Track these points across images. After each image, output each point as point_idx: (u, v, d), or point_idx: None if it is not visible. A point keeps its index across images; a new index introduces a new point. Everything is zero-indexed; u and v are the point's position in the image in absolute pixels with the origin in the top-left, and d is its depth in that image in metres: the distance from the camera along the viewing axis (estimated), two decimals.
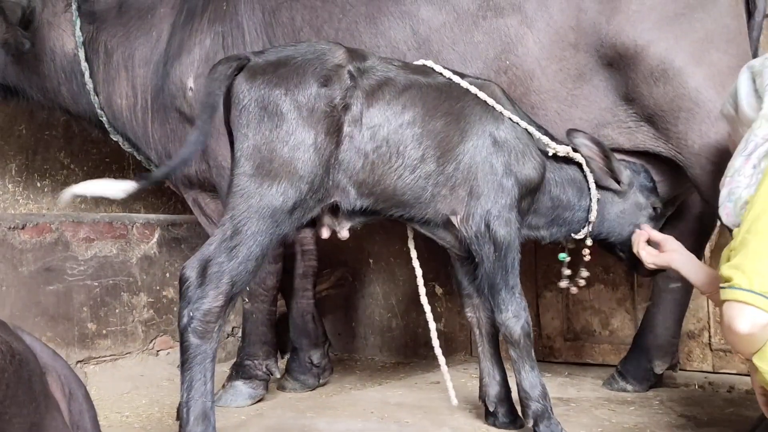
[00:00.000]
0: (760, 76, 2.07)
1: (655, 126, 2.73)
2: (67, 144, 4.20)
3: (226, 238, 2.18)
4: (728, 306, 1.81)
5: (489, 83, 2.62)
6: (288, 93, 2.25)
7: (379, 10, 2.86)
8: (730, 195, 2.03)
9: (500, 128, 2.51)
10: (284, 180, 2.21)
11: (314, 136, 2.24)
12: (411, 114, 2.40)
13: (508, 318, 2.47)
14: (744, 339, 1.82)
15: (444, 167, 2.43)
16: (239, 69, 2.30)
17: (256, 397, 3.18)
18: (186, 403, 2.16)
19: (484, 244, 2.47)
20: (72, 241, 3.51)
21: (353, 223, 2.50)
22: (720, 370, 3.47)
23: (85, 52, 3.33)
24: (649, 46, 2.62)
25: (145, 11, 3.37)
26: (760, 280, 1.77)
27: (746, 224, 1.85)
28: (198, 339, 2.16)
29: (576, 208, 2.68)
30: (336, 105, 2.29)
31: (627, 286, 3.78)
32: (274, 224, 2.21)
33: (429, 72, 2.56)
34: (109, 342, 3.60)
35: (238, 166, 2.23)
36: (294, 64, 2.31)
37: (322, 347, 3.51)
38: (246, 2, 3.10)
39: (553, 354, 3.94)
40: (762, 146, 1.98)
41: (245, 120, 2.25)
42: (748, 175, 1.99)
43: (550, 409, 2.48)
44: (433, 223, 2.53)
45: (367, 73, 2.40)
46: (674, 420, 2.73)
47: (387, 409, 2.99)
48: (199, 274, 2.17)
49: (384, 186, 2.38)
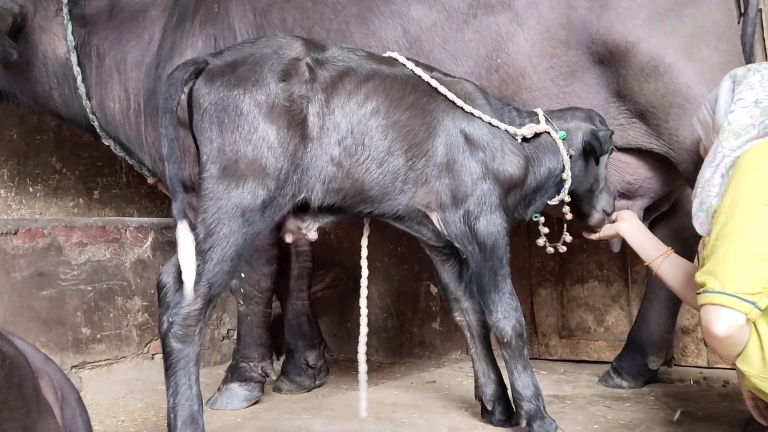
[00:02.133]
0: (739, 86, 2.10)
1: (646, 122, 2.74)
2: (59, 148, 4.18)
3: (200, 242, 2.17)
4: (705, 310, 1.86)
5: (459, 80, 2.59)
6: (247, 92, 2.24)
7: (369, 10, 2.86)
8: (702, 205, 2.08)
9: (472, 124, 2.47)
10: (251, 179, 2.20)
11: (276, 132, 2.23)
12: (374, 104, 2.37)
13: (498, 319, 2.46)
14: (723, 341, 1.86)
15: (413, 162, 2.40)
16: (197, 73, 2.29)
17: (251, 399, 3.17)
18: (173, 408, 2.16)
19: (468, 244, 2.46)
20: (65, 246, 3.50)
21: (321, 222, 2.48)
22: (714, 365, 3.49)
23: (77, 57, 3.31)
24: (639, 43, 2.63)
25: (137, 14, 3.35)
26: (732, 282, 1.81)
27: (715, 231, 1.92)
28: (179, 343, 2.16)
29: (554, 174, 2.62)
30: (296, 99, 2.27)
31: (621, 283, 3.79)
32: (245, 224, 2.20)
33: (394, 63, 2.53)
34: (103, 346, 3.58)
35: (204, 169, 2.23)
36: (251, 62, 2.29)
37: (318, 348, 3.51)
38: (237, 4, 3.10)
39: (548, 351, 3.95)
40: (729, 157, 2.02)
41: (207, 123, 2.24)
42: (717, 184, 2.04)
43: (543, 408, 2.47)
44: (407, 218, 2.50)
45: (327, 63, 2.38)
46: (669, 416, 2.73)
47: (383, 410, 2.98)
48: (176, 279, 2.17)
49: (352, 180, 2.35)
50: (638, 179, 2.90)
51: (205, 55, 2.54)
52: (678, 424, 2.62)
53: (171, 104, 2.24)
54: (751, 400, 2.07)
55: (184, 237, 2.15)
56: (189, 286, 2.12)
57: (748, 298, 1.80)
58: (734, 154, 2.01)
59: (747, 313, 1.80)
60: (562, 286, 3.93)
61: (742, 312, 1.80)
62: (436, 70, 2.60)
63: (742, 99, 2.05)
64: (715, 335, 1.83)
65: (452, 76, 2.62)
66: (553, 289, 3.94)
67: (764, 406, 2.05)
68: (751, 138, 2.00)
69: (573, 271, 3.90)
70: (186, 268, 2.13)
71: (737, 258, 1.84)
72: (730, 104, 2.09)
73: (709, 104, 2.23)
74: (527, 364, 2.51)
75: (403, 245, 4.18)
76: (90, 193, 4.33)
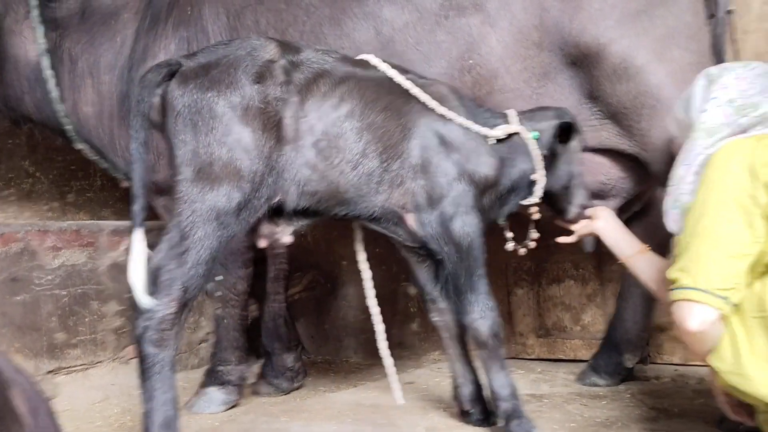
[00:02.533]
0: (713, 85, 2.12)
1: (618, 123, 2.76)
2: (32, 152, 4.13)
3: (174, 245, 2.16)
4: (677, 306, 1.88)
5: (434, 82, 2.60)
6: (221, 94, 2.23)
7: (342, 11, 2.86)
8: (675, 202, 2.10)
9: (447, 126, 2.48)
10: (226, 182, 2.19)
11: (251, 134, 2.22)
12: (349, 106, 2.37)
13: (474, 319, 2.47)
14: (696, 337, 1.88)
15: (388, 164, 2.40)
16: (171, 75, 2.28)
17: (229, 403, 3.16)
18: (148, 413, 2.14)
19: (444, 245, 2.46)
20: (39, 250, 3.46)
21: (296, 226, 2.47)
22: (689, 362, 3.52)
23: (49, 60, 3.27)
24: (611, 44, 2.65)
25: (109, 17, 3.32)
26: (704, 278, 1.84)
27: (687, 229, 1.95)
28: (155, 348, 2.14)
29: (527, 175, 2.63)
30: (270, 101, 2.26)
31: (597, 282, 3.82)
32: (221, 227, 2.19)
33: (368, 66, 2.53)
34: (79, 351, 3.55)
35: (179, 172, 2.21)
36: (225, 64, 2.28)
37: (295, 350, 3.50)
38: (210, 6, 3.08)
39: (525, 351, 3.97)
40: (702, 155, 2.05)
41: (181, 126, 2.23)
42: (690, 182, 2.06)
43: (520, 407, 2.48)
44: (383, 220, 2.50)
45: (302, 66, 2.37)
46: (645, 413, 2.76)
47: (362, 411, 2.98)
48: (150, 283, 2.15)
49: (327, 183, 2.35)
50: (611, 179, 2.93)
51: (178, 56, 2.52)
52: (653, 420, 2.65)
53: (143, 107, 2.23)
54: (723, 396, 2.10)
55: (138, 244, 2.14)
56: (139, 294, 2.11)
57: (720, 293, 1.82)
58: (707, 153, 2.03)
59: (719, 308, 1.83)
60: (539, 286, 3.96)
61: (714, 307, 1.83)
62: (411, 72, 2.60)
63: (716, 98, 2.08)
64: (688, 330, 1.85)
65: (427, 78, 2.62)
66: (530, 288, 3.96)
67: (736, 403, 2.08)
68: (724, 137, 2.03)
69: (549, 271, 3.92)
70: (136, 276, 2.12)
71: (709, 254, 1.86)
72: (704, 103, 2.12)
73: (683, 103, 2.25)
74: (504, 364, 2.51)
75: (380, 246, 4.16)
76: (64, 196, 4.28)
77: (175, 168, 2.25)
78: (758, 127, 2.00)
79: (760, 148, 1.91)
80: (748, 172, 1.88)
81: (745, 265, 1.85)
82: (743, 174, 1.89)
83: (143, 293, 2.12)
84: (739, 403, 2.06)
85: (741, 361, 1.85)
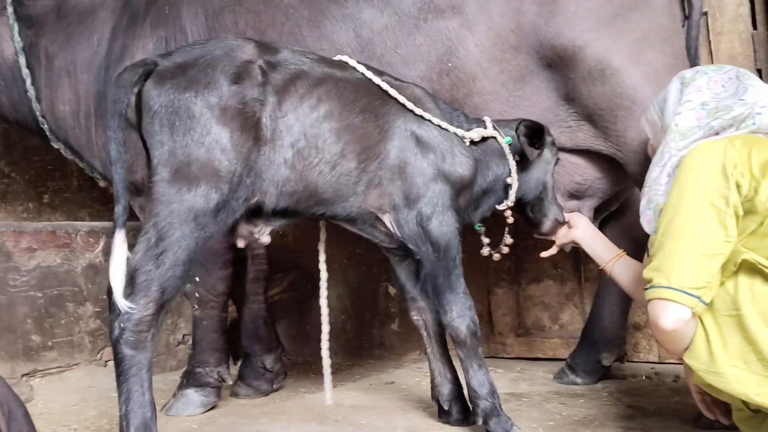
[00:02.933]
0: (687, 87, 2.15)
1: (595, 125, 2.79)
2: (8, 152, 4.09)
3: (151, 246, 2.14)
4: (652, 305, 1.91)
5: (408, 85, 2.61)
6: (198, 94, 2.21)
7: (321, 13, 2.85)
8: (649, 203, 2.13)
9: (422, 127, 2.50)
10: (204, 182, 2.18)
11: (229, 135, 2.21)
12: (327, 107, 2.37)
13: (453, 318, 2.48)
14: (670, 336, 1.91)
15: (366, 164, 2.41)
16: (146, 75, 2.26)
17: (208, 405, 3.14)
18: (125, 415, 2.12)
19: (421, 245, 2.47)
20: (14, 252, 3.42)
21: (274, 226, 2.47)
22: (666, 360, 3.56)
23: (26, 59, 3.24)
24: (586, 47, 2.68)
25: (85, 15, 3.29)
26: (678, 277, 1.87)
27: (661, 229, 1.97)
28: (131, 350, 2.13)
29: (501, 179, 2.66)
30: (248, 101, 2.26)
31: (575, 281, 3.85)
32: (198, 228, 2.18)
33: (346, 67, 2.54)
34: (55, 354, 3.51)
35: (156, 173, 2.20)
36: (203, 64, 2.27)
37: (275, 352, 3.49)
38: (188, 7, 3.06)
39: (505, 350, 3.99)
40: (675, 157, 2.07)
41: (158, 126, 2.21)
42: (664, 183, 2.09)
43: (498, 406, 2.50)
44: (360, 221, 2.51)
45: (279, 66, 2.37)
46: (622, 411, 2.79)
47: (341, 412, 2.98)
48: (127, 284, 2.13)
49: (305, 183, 2.35)
50: (587, 180, 2.96)
51: (154, 56, 2.50)
52: (630, 418, 2.68)
53: (119, 107, 2.21)
54: (698, 394, 2.13)
55: (119, 246, 2.12)
56: (119, 296, 2.10)
57: (693, 292, 1.85)
58: (680, 155, 2.06)
59: (692, 307, 1.85)
60: (518, 286, 3.98)
61: (687, 306, 1.85)
62: (386, 74, 2.62)
63: (690, 101, 2.11)
64: (662, 329, 1.88)
65: (402, 81, 2.64)
66: (510, 288, 3.99)
67: (711, 401, 2.11)
68: (696, 139, 2.05)
69: (528, 271, 3.95)
70: (116, 278, 2.10)
71: (682, 254, 1.89)
72: (678, 105, 2.14)
73: (658, 105, 2.27)
74: (482, 363, 2.53)
75: (361, 247, 4.18)
76: (40, 197, 4.24)
77: (151, 168, 2.23)
78: (730, 130, 2.04)
79: (731, 150, 1.94)
80: (720, 172, 1.91)
81: (718, 264, 1.88)
82: (715, 175, 1.92)
83: (121, 295, 2.10)
84: (714, 400, 2.09)
85: (715, 360, 1.88)
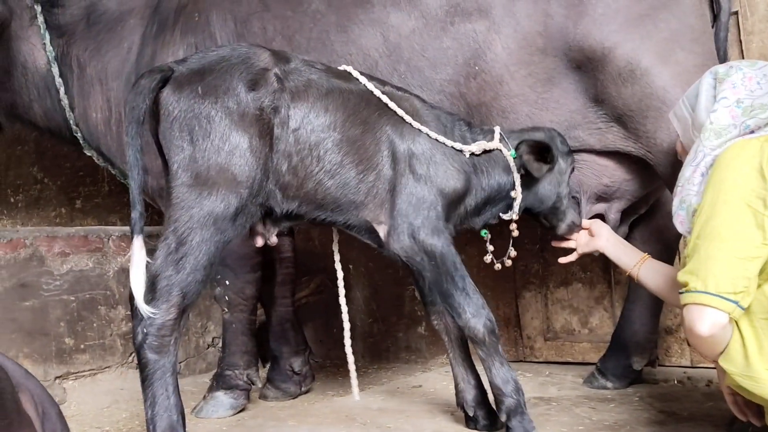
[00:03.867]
0: (721, 84, 2.10)
1: (624, 126, 2.76)
2: (40, 158, 4.16)
3: (172, 251, 2.17)
4: (687, 310, 1.86)
5: (409, 96, 2.63)
6: (218, 100, 2.25)
7: (349, 18, 2.87)
8: (682, 203, 2.08)
9: (417, 140, 2.51)
10: (223, 187, 2.21)
11: (248, 140, 2.25)
12: (332, 118, 2.41)
13: (468, 319, 2.46)
14: (706, 341, 1.87)
15: (364, 176, 2.44)
16: (164, 81, 2.29)
17: (237, 407, 3.16)
18: (151, 419, 2.16)
19: (415, 255, 2.48)
20: (47, 256, 3.48)
21: (280, 227, 2.52)
22: (698, 364, 3.51)
23: (59, 68, 3.29)
24: (615, 48, 2.65)
25: (115, 22, 3.33)
26: (714, 281, 1.82)
27: (696, 230, 1.92)
28: (155, 354, 2.16)
29: (505, 189, 2.67)
30: (265, 108, 2.29)
31: (605, 284, 3.81)
32: (218, 232, 2.21)
33: (349, 78, 2.57)
34: (87, 356, 3.57)
35: (175, 178, 2.23)
36: (220, 70, 2.30)
37: (303, 355, 3.50)
38: (218, 13, 3.09)
39: (533, 354, 3.96)
40: (709, 156, 2.03)
41: (177, 131, 2.24)
42: (697, 183, 2.04)
43: (523, 404, 2.47)
44: (357, 228, 2.54)
45: (292, 75, 2.41)
46: (654, 416, 2.75)
47: (369, 415, 2.99)
48: (148, 290, 2.16)
49: (306, 189, 2.39)
50: (615, 182, 2.92)
51: (169, 62, 2.53)
52: (662, 424, 2.64)
53: (137, 113, 2.23)
54: (730, 396, 2.08)
55: (137, 252, 2.15)
56: (140, 302, 2.12)
57: (731, 297, 1.81)
58: (714, 153, 2.02)
59: (730, 312, 1.81)
60: (546, 289, 3.95)
61: (725, 311, 1.81)
62: (389, 84, 2.65)
63: (725, 98, 2.05)
64: (699, 335, 1.84)
65: (404, 91, 2.66)
66: (538, 291, 3.96)
67: (743, 402, 2.06)
68: (731, 138, 2.01)
69: (557, 274, 3.92)
70: (136, 284, 2.13)
71: (719, 257, 1.84)
72: (712, 102, 2.09)
73: (688, 101, 2.23)
74: (504, 360, 2.50)
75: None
76: (72, 202, 4.30)
77: (171, 173, 2.26)
78: (765, 128, 1.98)
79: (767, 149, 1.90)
80: (757, 172, 1.86)
81: (756, 267, 1.84)
82: (752, 174, 1.87)
83: (142, 301, 2.13)
84: (747, 402, 2.05)
85: (750, 364, 1.84)
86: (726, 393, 2.09)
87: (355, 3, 2.87)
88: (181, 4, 3.19)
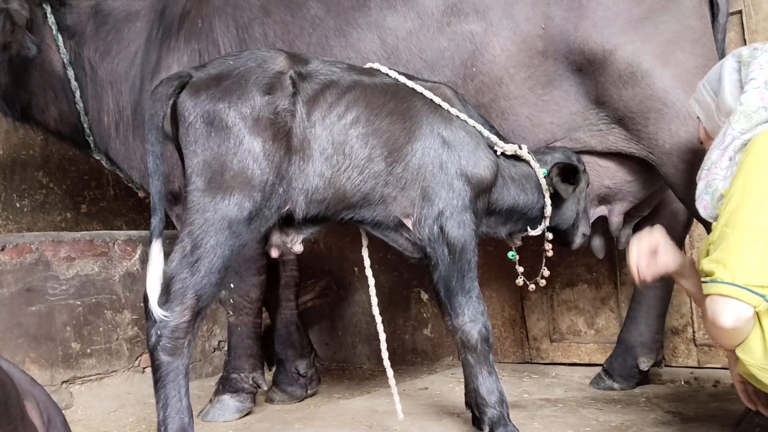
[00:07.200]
0: (747, 67, 2.04)
1: (626, 128, 2.76)
2: (45, 163, 4.18)
3: (186, 254, 2.19)
4: (711, 300, 1.79)
5: (439, 85, 2.64)
6: (232, 105, 2.26)
7: (347, 22, 2.87)
8: (707, 188, 2.03)
9: (449, 128, 2.51)
10: (237, 191, 2.22)
11: (262, 145, 2.25)
12: (355, 113, 2.40)
13: (465, 322, 2.47)
14: (729, 333, 1.81)
15: (392, 167, 2.43)
16: (182, 87, 2.31)
17: (243, 411, 3.17)
18: (163, 421, 2.17)
19: (438, 246, 2.47)
20: (53, 261, 3.49)
21: (306, 234, 2.50)
22: (705, 365, 3.50)
23: (73, 71, 3.29)
24: (616, 50, 2.65)
25: (122, 24, 3.34)
26: (743, 272, 1.75)
27: (724, 217, 1.85)
28: (168, 356, 2.17)
29: (534, 204, 2.70)
30: (280, 112, 2.30)
31: (610, 285, 3.80)
32: (232, 236, 2.22)
33: (375, 73, 2.57)
34: (93, 361, 3.58)
35: (190, 182, 2.25)
36: (236, 76, 2.32)
37: (308, 357, 3.50)
38: (220, 19, 3.10)
39: (539, 355, 3.96)
40: (738, 139, 1.98)
41: (193, 137, 2.26)
42: (724, 167, 1.99)
43: (507, 415, 2.48)
44: (384, 226, 2.53)
45: (310, 77, 2.41)
46: (661, 417, 2.75)
47: (375, 418, 2.98)
48: (163, 292, 2.18)
49: (334, 189, 2.38)
50: (617, 183, 2.92)
51: (188, 68, 2.54)
52: (669, 424, 2.63)
53: (157, 120, 2.27)
54: (740, 384, 2.04)
55: (155, 256, 2.18)
56: (154, 304, 2.14)
57: (758, 290, 1.74)
58: (744, 137, 1.96)
59: (756, 305, 1.75)
60: (552, 290, 3.94)
61: (751, 304, 1.74)
62: (417, 78, 2.65)
63: (755, 79, 1.99)
64: (721, 326, 1.77)
65: (433, 82, 2.67)
66: (543, 292, 3.95)
67: (753, 391, 2.02)
68: (761, 121, 1.95)
69: (562, 275, 3.91)
70: (152, 287, 2.15)
71: (748, 248, 1.77)
72: (737, 85, 2.05)
73: (710, 84, 2.17)
74: (492, 370, 2.52)
75: (392, 252, 4.15)
76: (77, 207, 4.32)
77: (186, 178, 2.27)
78: None
79: None
80: None
81: None
82: None
83: (156, 303, 2.14)
84: (757, 391, 2.00)
85: None
86: (736, 381, 2.04)
87: (352, 7, 2.88)
88: (185, 10, 3.20)
